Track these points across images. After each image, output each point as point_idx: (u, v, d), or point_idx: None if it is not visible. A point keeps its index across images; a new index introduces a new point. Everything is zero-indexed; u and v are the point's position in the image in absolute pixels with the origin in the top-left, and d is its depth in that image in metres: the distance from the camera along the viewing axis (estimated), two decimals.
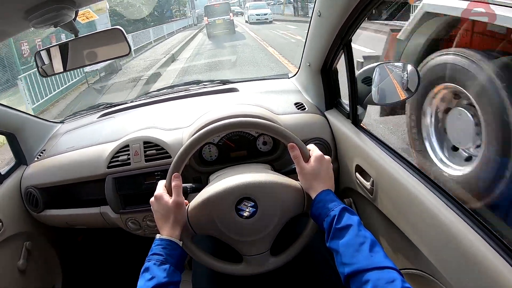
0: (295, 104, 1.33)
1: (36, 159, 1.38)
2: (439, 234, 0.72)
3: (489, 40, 1.92)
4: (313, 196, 0.80)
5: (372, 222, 1.04)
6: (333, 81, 1.26)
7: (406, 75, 1.08)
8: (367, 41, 4.15)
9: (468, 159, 1.99)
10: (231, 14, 16.54)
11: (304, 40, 1.24)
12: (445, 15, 2.17)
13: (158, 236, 0.78)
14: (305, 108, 1.30)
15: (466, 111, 1.91)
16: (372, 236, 0.70)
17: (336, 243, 0.70)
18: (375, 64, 1.08)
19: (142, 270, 0.71)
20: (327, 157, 0.85)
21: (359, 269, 0.64)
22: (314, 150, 0.86)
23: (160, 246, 0.75)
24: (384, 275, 0.62)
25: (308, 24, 1.14)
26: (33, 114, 1.52)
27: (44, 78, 6.44)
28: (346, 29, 0.98)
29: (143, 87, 7.30)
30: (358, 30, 1.01)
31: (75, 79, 8.28)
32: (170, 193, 0.82)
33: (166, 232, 0.78)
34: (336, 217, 0.72)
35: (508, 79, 1.65)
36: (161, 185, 0.84)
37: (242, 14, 25.56)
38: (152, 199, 0.82)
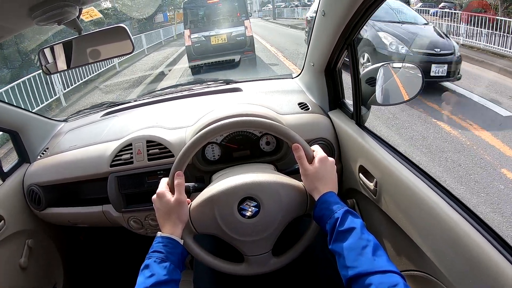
0: (299, 104, 1.33)
1: (39, 157, 1.39)
2: (444, 235, 0.71)
3: None
4: (316, 197, 0.80)
5: (375, 223, 1.03)
6: (337, 81, 1.26)
7: (410, 76, 1.07)
8: None
9: None
10: (247, 22, 7.22)
11: (308, 40, 1.24)
12: None
13: (159, 233, 0.78)
14: (308, 108, 1.30)
15: None
16: (375, 240, 0.69)
17: (339, 246, 0.69)
18: (379, 64, 1.07)
19: (142, 267, 0.71)
20: (331, 158, 0.85)
21: (361, 272, 0.63)
22: (318, 151, 0.85)
23: (161, 244, 0.75)
24: (386, 279, 0.61)
25: (312, 23, 1.14)
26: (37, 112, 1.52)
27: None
28: (350, 29, 0.97)
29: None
30: None
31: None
32: (172, 191, 0.81)
33: (167, 230, 0.78)
34: (339, 220, 0.71)
35: None
36: (163, 183, 0.84)
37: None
38: (154, 196, 0.82)
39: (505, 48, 6.72)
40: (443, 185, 0.79)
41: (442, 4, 9.96)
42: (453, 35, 7.93)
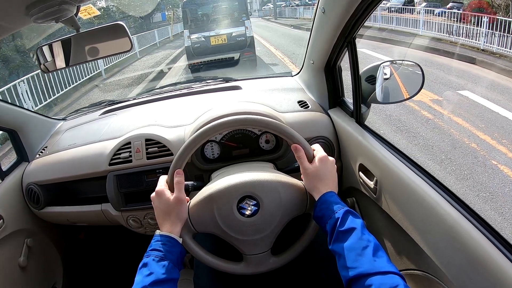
0: (299, 102, 1.32)
1: (37, 156, 1.38)
2: (444, 234, 0.71)
3: None
4: (316, 197, 0.79)
5: (375, 222, 1.03)
6: (337, 79, 1.25)
7: (410, 74, 1.07)
8: None
9: None
10: (247, 23, 7.22)
11: (308, 38, 1.23)
12: None
13: (158, 232, 0.78)
14: (308, 107, 1.29)
15: None
16: (376, 240, 0.69)
17: (339, 246, 0.69)
18: (379, 62, 1.07)
19: (140, 265, 0.71)
20: (331, 158, 0.84)
21: (361, 273, 0.63)
22: (318, 151, 0.85)
23: (159, 242, 0.74)
24: (387, 280, 0.61)
25: (312, 21, 1.13)
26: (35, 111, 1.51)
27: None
28: (350, 27, 0.97)
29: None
30: None
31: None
32: (171, 189, 0.81)
33: (166, 229, 0.78)
34: (339, 220, 0.71)
35: None
36: (162, 181, 0.83)
37: None
38: (153, 194, 0.82)
39: None
40: (443, 183, 0.78)
41: (450, 5, 9.21)
42: (470, 38, 7.21)
